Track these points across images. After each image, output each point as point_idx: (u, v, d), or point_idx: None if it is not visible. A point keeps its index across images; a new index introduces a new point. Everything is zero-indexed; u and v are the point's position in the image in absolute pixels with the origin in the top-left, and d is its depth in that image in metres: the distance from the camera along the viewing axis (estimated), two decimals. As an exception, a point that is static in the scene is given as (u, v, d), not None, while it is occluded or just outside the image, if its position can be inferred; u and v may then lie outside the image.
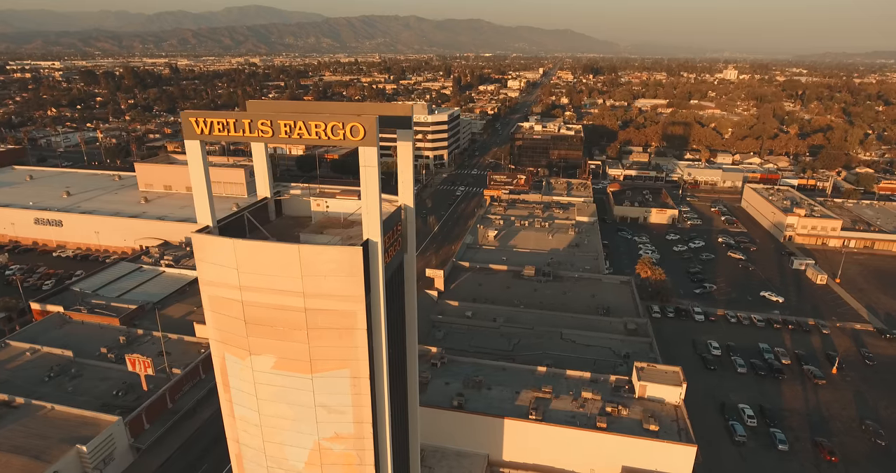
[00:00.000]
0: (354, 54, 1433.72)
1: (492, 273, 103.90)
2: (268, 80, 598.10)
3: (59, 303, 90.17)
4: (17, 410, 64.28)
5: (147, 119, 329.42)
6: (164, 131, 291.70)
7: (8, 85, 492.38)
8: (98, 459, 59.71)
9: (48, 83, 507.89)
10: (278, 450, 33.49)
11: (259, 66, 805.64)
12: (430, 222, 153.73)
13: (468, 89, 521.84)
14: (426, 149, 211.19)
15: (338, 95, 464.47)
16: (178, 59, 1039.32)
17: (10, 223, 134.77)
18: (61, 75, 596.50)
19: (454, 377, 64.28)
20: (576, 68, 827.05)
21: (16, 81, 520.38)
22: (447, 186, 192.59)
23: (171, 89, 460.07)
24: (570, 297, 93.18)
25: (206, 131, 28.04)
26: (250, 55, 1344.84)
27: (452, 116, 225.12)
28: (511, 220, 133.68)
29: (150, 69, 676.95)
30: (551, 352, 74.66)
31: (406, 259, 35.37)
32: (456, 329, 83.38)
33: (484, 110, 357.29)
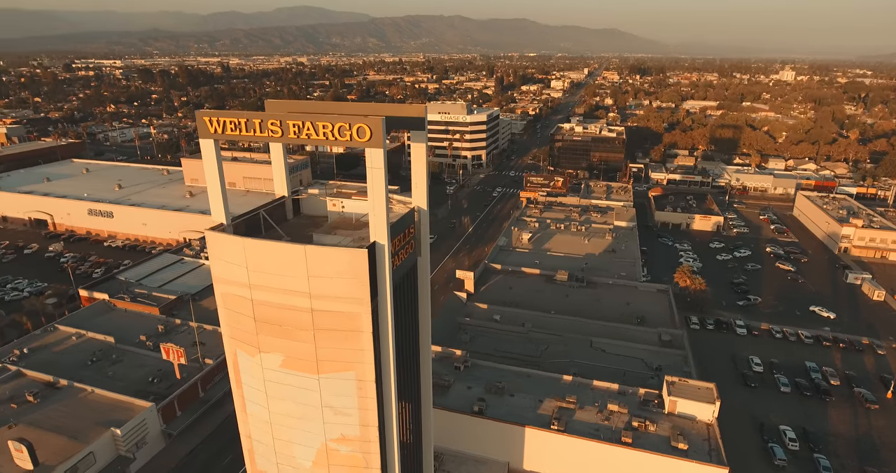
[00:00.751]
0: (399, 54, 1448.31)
1: (523, 276, 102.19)
2: (314, 79, 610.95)
3: (105, 291, 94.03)
4: (60, 391, 67.20)
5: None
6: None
7: (73, 82, 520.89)
8: (131, 442, 61.70)
9: (109, 81, 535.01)
10: (287, 448, 33.44)
11: (306, 66, 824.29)
12: (465, 223, 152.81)
13: (510, 89, 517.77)
14: (464, 149, 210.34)
15: (380, 94, 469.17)
16: (230, 58, 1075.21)
17: (66, 213, 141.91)
18: (121, 73, 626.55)
19: (477, 381, 63.25)
20: (622, 68, 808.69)
21: (80, 79, 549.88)
22: (484, 187, 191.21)
23: (221, 87, 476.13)
24: (603, 304, 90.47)
25: (219, 130, 28.11)
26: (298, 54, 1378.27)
27: (491, 116, 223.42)
28: (546, 223, 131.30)
29: (203, 68, 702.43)
30: (579, 361, 72.55)
31: (420, 262, 34.68)
32: (483, 332, 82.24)
33: (525, 110, 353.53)
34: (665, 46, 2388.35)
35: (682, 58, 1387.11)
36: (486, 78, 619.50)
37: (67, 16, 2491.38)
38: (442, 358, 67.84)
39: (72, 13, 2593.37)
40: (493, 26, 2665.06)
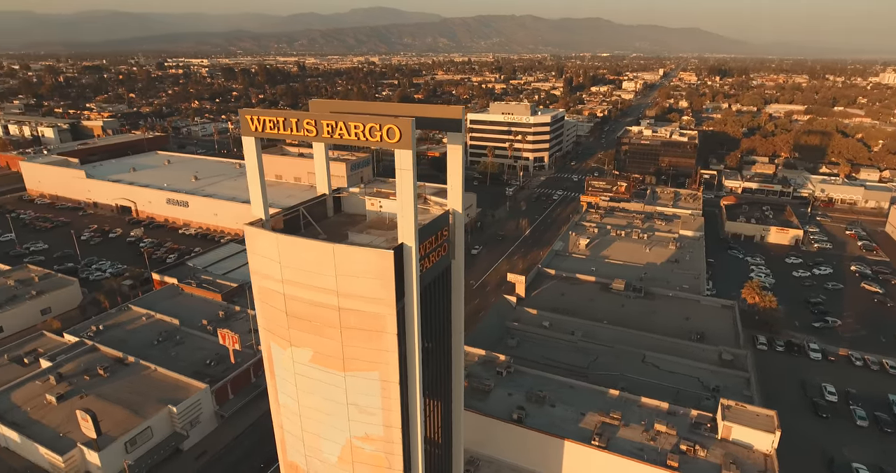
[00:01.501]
0: (468, 54, 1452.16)
1: (577, 283, 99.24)
2: (383, 78, 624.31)
3: (175, 276, 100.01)
4: (128, 367, 72.06)
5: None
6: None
7: (164, 80, 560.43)
8: (185, 420, 65.14)
9: (195, 78, 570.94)
10: (315, 441, 33.93)
11: (377, 65, 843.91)
12: (522, 225, 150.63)
13: (580, 90, 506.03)
14: (526, 151, 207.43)
15: (447, 94, 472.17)
16: (307, 58, 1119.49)
17: (147, 201, 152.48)
18: (207, 72, 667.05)
19: (518, 388, 61.90)
20: (701, 69, 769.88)
21: (170, 77, 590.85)
22: (544, 189, 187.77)
23: (296, 85, 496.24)
24: (660, 317, 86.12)
25: (259, 128, 28.80)
26: (370, 54, 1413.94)
27: (556, 118, 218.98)
28: (606, 229, 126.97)
29: (281, 67, 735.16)
30: (629, 375, 69.38)
31: (454, 265, 34.08)
32: (530, 338, 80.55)
33: (593, 112, 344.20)
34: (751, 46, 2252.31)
35: (770, 58, 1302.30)
36: (554, 78, 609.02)
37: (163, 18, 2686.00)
38: (485, 361, 66.96)
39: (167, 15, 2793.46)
40: (566, 26, 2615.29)
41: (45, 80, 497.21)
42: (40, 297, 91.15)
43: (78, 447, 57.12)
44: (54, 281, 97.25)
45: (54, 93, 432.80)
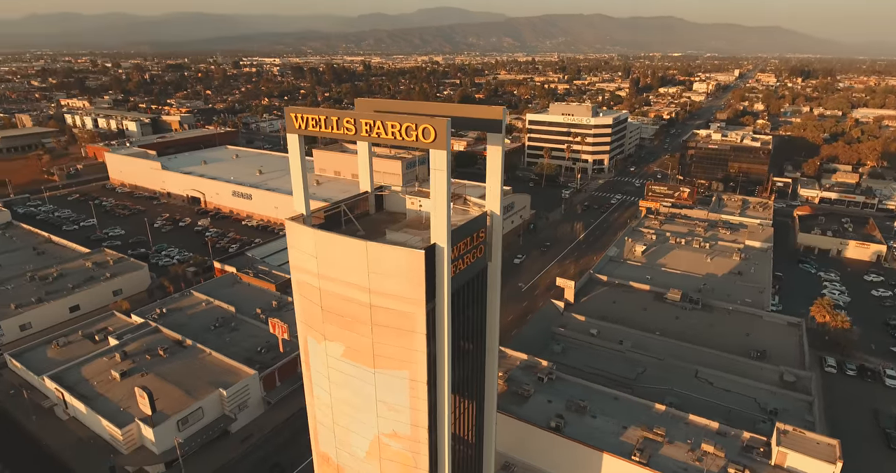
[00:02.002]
0: (533, 53, 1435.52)
1: (630, 291, 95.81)
2: (445, 78, 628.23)
3: (235, 265, 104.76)
4: (185, 350, 76.13)
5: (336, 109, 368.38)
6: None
7: (238, 78, 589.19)
8: (234, 404, 68.08)
9: (266, 77, 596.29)
10: (345, 434, 34.45)
11: (441, 65, 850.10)
12: (577, 229, 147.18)
13: (646, 91, 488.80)
14: (585, 153, 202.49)
15: (508, 94, 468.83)
16: (372, 57, 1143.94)
17: (215, 193, 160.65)
18: (278, 70, 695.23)
19: (559, 396, 60.45)
20: (781, 70, 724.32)
21: (244, 75, 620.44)
22: (603, 193, 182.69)
23: (360, 84, 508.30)
24: (718, 332, 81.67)
25: (303, 126, 29.45)
26: (435, 54, 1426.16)
27: (618, 119, 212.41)
28: (665, 236, 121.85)
29: (348, 66, 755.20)
30: (679, 390, 66.21)
31: (490, 267, 33.56)
32: (577, 345, 78.52)
33: (659, 114, 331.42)
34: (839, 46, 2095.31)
35: (860, 59, 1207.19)
36: (620, 79, 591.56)
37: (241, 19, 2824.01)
38: (526, 366, 65.88)
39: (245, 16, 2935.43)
40: (636, 25, 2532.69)
41: (132, 78, 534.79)
42: (113, 279, 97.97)
43: (135, 422, 60.91)
44: (126, 265, 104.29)
45: (140, 90, 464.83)
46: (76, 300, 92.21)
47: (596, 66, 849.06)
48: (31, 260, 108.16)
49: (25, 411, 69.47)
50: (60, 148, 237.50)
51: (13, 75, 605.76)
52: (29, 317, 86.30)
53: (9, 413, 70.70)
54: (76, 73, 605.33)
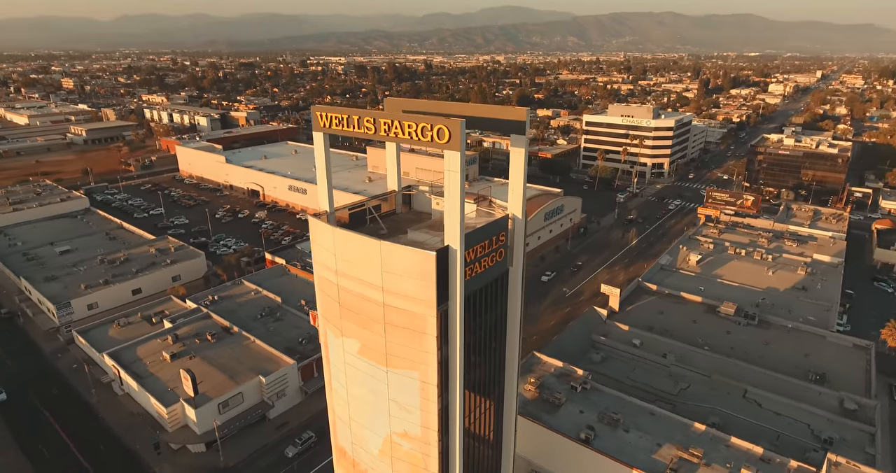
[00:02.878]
0: (598, 53, 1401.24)
1: (680, 302, 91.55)
2: (506, 77, 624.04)
3: (284, 257, 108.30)
4: (232, 336, 79.46)
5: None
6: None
7: (304, 76, 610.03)
8: (272, 391, 70.40)
9: (331, 75, 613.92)
10: (360, 430, 34.77)
11: (502, 64, 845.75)
12: (629, 235, 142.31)
13: (717, 93, 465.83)
14: (643, 156, 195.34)
15: (568, 94, 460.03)
16: (434, 56, 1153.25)
17: (273, 187, 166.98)
18: (342, 69, 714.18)
19: (592, 407, 58.51)
20: (870, 71, 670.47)
21: (310, 73, 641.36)
22: (660, 198, 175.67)
23: (420, 83, 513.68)
24: (773, 350, 76.58)
25: (327, 125, 29.85)
26: (497, 53, 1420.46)
27: (681, 122, 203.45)
28: (724, 246, 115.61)
29: (410, 65, 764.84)
30: (723, 410, 62.56)
31: (511, 272, 32.78)
32: (617, 355, 75.90)
33: (728, 117, 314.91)
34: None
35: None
36: (689, 80, 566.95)
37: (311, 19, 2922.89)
38: (560, 374, 64.23)
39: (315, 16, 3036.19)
40: (710, 22, 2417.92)
41: (207, 75, 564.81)
42: (173, 266, 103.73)
43: (180, 402, 64.16)
44: (186, 253, 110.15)
45: (213, 87, 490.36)
46: (139, 283, 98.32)
47: (664, 65, 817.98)
48: (102, 245, 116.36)
49: (86, 385, 74.78)
50: (138, 140, 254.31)
51: (103, 72, 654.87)
52: (96, 297, 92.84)
53: (72, 386, 76.36)
54: (158, 70, 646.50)
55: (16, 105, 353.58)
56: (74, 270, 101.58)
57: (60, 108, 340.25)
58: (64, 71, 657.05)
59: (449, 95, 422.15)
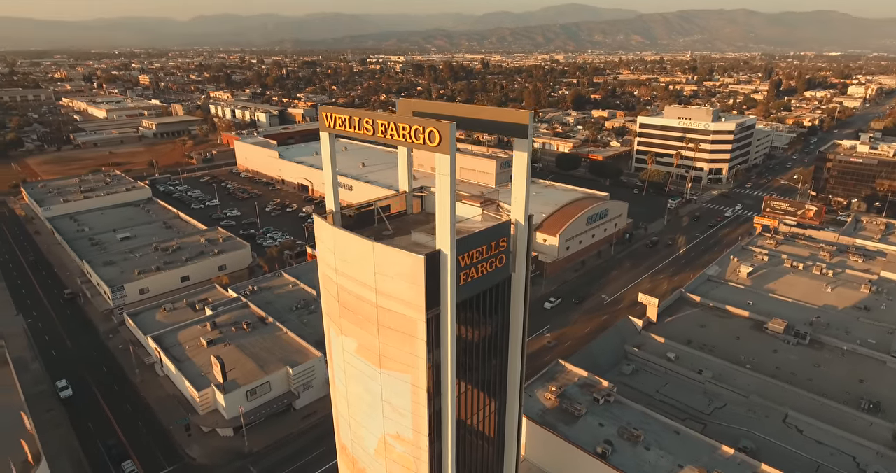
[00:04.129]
0: (663, 52, 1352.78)
1: (724, 316, 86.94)
2: (563, 77, 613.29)
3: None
4: (266, 327, 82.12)
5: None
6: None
7: (363, 74, 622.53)
8: (299, 382, 72.19)
9: (388, 74, 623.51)
10: (358, 429, 35.02)
11: (560, 63, 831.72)
12: (678, 242, 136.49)
13: (789, 95, 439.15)
14: (700, 160, 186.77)
15: (627, 94, 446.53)
16: (493, 55, 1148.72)
17: (321, 182, 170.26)
18: (400, 68, 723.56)
19: (612, 421, 56.42)
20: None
21: (368, 72, 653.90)
22: (716, 205, 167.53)
23: (475, 82, 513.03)
24: (823, 373, 71.37)
25: (332, 125, 30.12)
26: (556, 52, 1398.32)
27: (743, 125, 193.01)
28: (780, 258, 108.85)
29: (467, 64, 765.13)
30: (758, 434, 58.82)
31: (514, 278, 31.97)
32: (649, 368, 72.97)
33: (799, 121, 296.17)
34: None
35: None
36: (759, 80, 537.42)
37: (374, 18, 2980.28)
38: (584, 384, 62.35)
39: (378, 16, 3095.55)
40: (786, 20, 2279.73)
41: (271, 73, 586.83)
42: (219, 256, 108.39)
43: (211, 387, 66.92)
44: (233, 244, 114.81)
45: (276, 84, 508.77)
46: (187, 271, 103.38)
47: (733, 65, 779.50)
48: (159, 233, 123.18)
49: (131, 365, 79.38)
50: (202, 135, 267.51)
51: (177, 69, 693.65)
52: (147, 283, 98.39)
53: (119, 365, 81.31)
54: (226, 68, 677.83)
55: (97, 99, 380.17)
56: (131, 256, 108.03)
57: (135, 103, 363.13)
58: (142, 68, 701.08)
59: (503, 95, 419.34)
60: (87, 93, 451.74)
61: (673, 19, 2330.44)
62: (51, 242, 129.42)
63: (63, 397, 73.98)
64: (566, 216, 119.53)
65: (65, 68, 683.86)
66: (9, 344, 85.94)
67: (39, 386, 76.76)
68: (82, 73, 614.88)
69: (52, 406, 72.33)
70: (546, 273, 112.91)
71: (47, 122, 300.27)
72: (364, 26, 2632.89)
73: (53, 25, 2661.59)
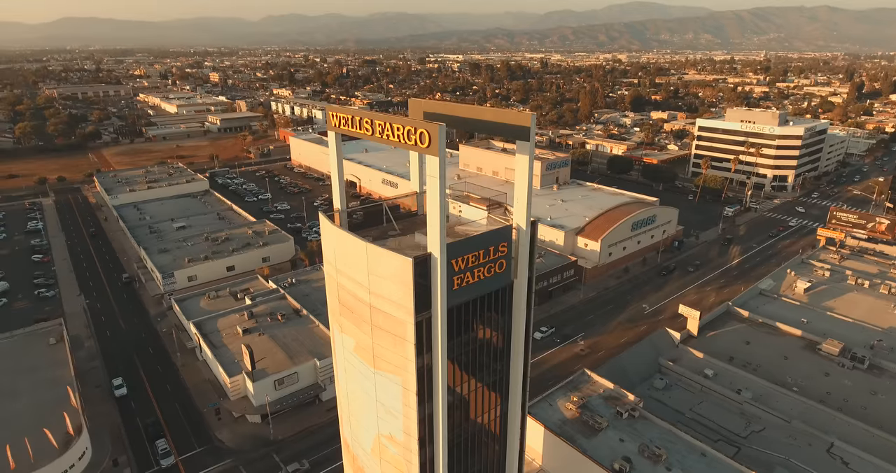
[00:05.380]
0: (735, 51, 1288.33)
1: (773, 333, 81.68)
2: (624, 77, 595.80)
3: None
4: (300, 319, 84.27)
5: (502, 107, 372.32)
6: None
7: (420, 73, 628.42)
8: (326, 375, 73.44)
9: (445, 73, 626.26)
10: (357, 426, 35.29)
11: (622, 63, 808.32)
12: (732, 252, 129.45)
13: (872, 98, 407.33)
14: (763, 166, 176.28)
15: (691, 96, 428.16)
16: (552, 55, 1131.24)
17: (368, 179, 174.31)
18: (457, 67, 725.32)
19: (635, 437, 54.09)
20: None
21: (426, 71, 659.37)
22: (778, 214, 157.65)
23: (532, 82, 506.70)
24: (881, 402, 65.72)
25: (337, 124, 30.27)
26: (620, 51, 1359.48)
27: (813, 130, 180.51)
28: (843, 275, 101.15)
29: (525, 63, 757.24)
30: (797, 463, 54.84)
31: (516, 284, 31.07)
32: (683, 384, 69.69)
33: (881, 126, 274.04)
34: None
35: None
36: (839, 82, 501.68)
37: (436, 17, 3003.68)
38: (609, 396, 60.15)
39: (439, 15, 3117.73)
40: (875, 17, 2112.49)
41: (332, 71, 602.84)
42: (264, 248, 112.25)
43: (242, 374, 69.32)
44: (278, 236, 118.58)
45: (336, 82, 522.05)
46: (233, 261, 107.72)
47: (811, 66, 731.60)
48: (212, 224, 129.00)
49: (174, 349, 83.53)
50: (262, 130, 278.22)
51: (245, 68, 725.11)
52: (196, 271, 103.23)
53: (164, 348, 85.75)
54: (290, 66, 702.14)
55: (169, 95, 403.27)
56: (183, 245, 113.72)
57: (203, 99, 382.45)
58: (213, 66, 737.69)
59: (559, 94, 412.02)
60: (162, 89, 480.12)
61: (747, 17, 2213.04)
62: (115, 229, 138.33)
63: (118, 396, 73.83)
64: (610, 221, 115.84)
65: (144, 66, 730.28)
66: (70, 322, 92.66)
67: (92, 362, 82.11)
68: (159, 70, 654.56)
69: (100, 382, 77.15)
70: (586, 278, 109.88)
71: (123, 116, 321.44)
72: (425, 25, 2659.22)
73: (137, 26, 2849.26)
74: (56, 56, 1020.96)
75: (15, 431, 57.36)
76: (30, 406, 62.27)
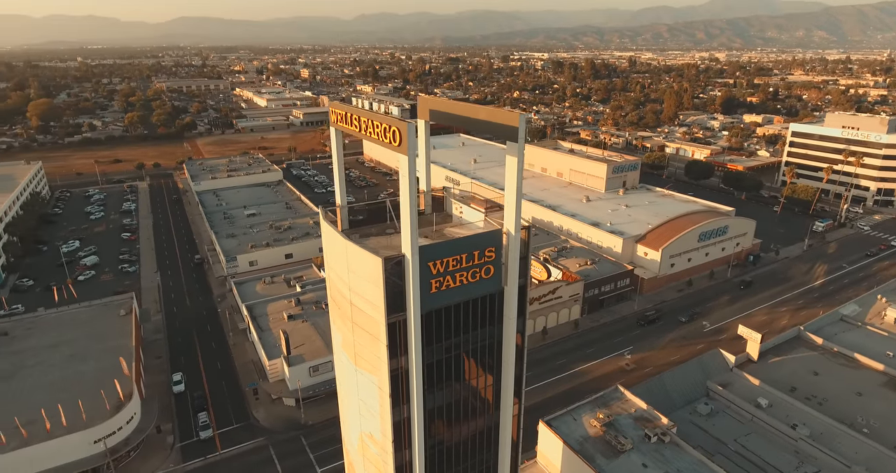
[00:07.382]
0: (852, 50, 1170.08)
1: (850, 365, 73.26)
2: (719, 77, 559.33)
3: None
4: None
5: (581, 107, 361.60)
6: (587, 120, 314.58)
7: (502, 71, 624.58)
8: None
9: (527, 71, 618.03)
10: (345, 422, 35.53)
11: (719, 62, 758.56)
12: (817, 271, 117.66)
13: None
14: (865, 177, 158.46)
15: (793, 98, 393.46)
16: (643, 53, 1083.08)
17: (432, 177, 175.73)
18: (541, 65, 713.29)
19: (662, 465, 50.34)
20: None
21: (508, 69, 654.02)
22: (879, 232, 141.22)
23: (616, 81, 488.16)
24: (973, 453, 56.79)
25: (336, 121, 30.34)
26: (719, 50, 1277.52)
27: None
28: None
29: (612, 62, 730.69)
30: (851, 512, 48.58)
31: (506, 292, 29.72)
32: (732, 412, 64.07)
33: None
34: None
35: None
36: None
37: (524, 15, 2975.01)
38: (640, 417, 56.50)
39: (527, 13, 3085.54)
40: None
41: (414, 68, 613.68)
42: (321, 237, 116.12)
43: (281, 358, 72.19)
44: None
45: (417, 79, 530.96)
46: (291, 249, 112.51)
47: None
48: (279, 213, 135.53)
49: (229, 328, 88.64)
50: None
51: (334, 65, 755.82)
52: (257, 256, 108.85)
53: (220, 327, 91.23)
54: (376, 63, 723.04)
55: (261, 90, 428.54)
56: (250, 231, 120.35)
57: (291, 94, 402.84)
58: (305, 62, 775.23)
59: (643, 95, 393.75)
60: (256, 84, 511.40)
61: (870, 12, 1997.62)
62: (196, 213, 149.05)
63: (175, 392, 74.67)
64: (674, 229, 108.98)
65: (244, 62, 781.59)
66: (144, 296, 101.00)
67: (157, 335, 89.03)
68: (256, 66, 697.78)
69: (160, 353, 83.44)
70: (642, 289, 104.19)
71: (218, 109, 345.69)
72: (513, 23, 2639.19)
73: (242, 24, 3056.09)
74: (170, 52, 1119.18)
75: (77, 392, 63.27)
76: (94, 370, 68.43)
